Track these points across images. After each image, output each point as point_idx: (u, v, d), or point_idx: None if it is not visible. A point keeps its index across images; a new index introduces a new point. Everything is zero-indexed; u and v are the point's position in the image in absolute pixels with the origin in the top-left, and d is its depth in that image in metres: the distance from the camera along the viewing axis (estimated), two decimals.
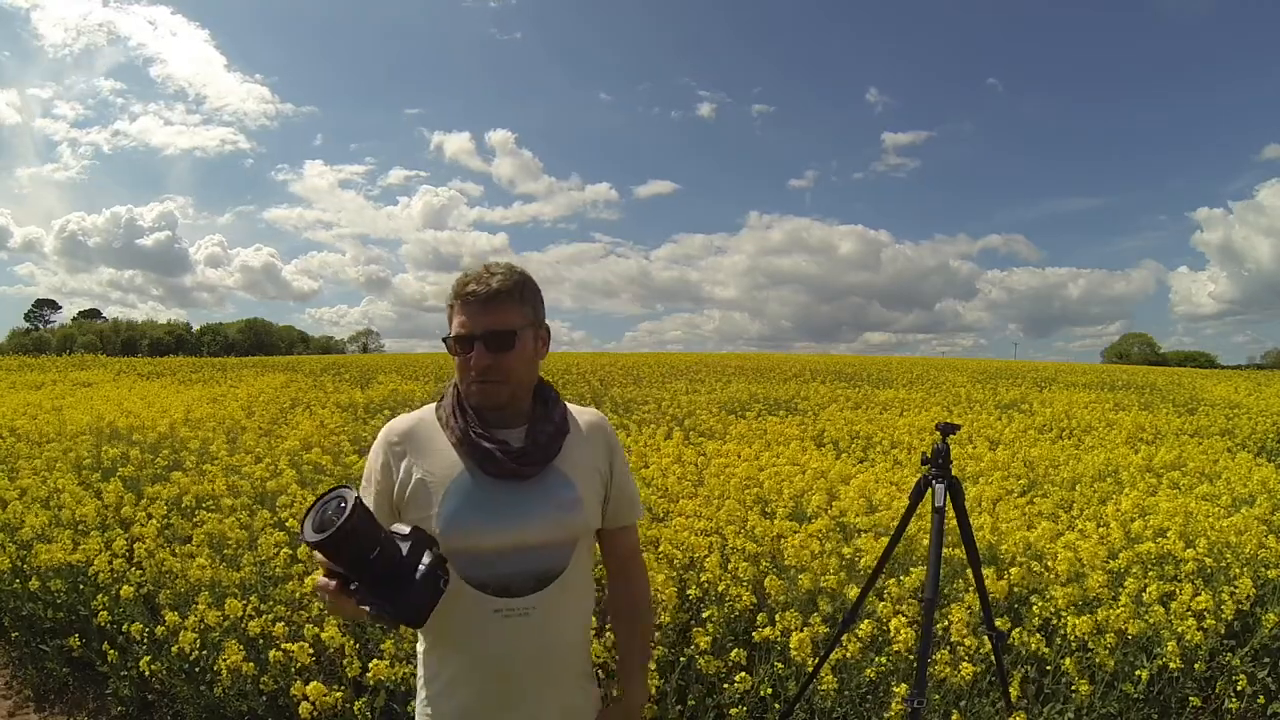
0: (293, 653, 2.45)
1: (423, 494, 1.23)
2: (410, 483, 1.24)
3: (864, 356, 36.49)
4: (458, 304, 1.26)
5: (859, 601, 2.36)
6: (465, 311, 1.25)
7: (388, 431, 1.29)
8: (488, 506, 1.22)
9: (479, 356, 1.23)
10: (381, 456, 1.27)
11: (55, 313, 65.85)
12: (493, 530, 1.22)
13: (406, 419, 1.31)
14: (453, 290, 1.27)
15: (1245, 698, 2.64)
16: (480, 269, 1.27)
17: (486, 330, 1.23)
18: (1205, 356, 60.77)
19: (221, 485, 4.19)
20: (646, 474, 4.53)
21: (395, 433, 1.29)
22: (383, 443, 1.28)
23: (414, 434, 1.28)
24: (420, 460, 1.25)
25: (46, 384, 12.93)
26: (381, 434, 1.29)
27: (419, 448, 1.27)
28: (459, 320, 1.26)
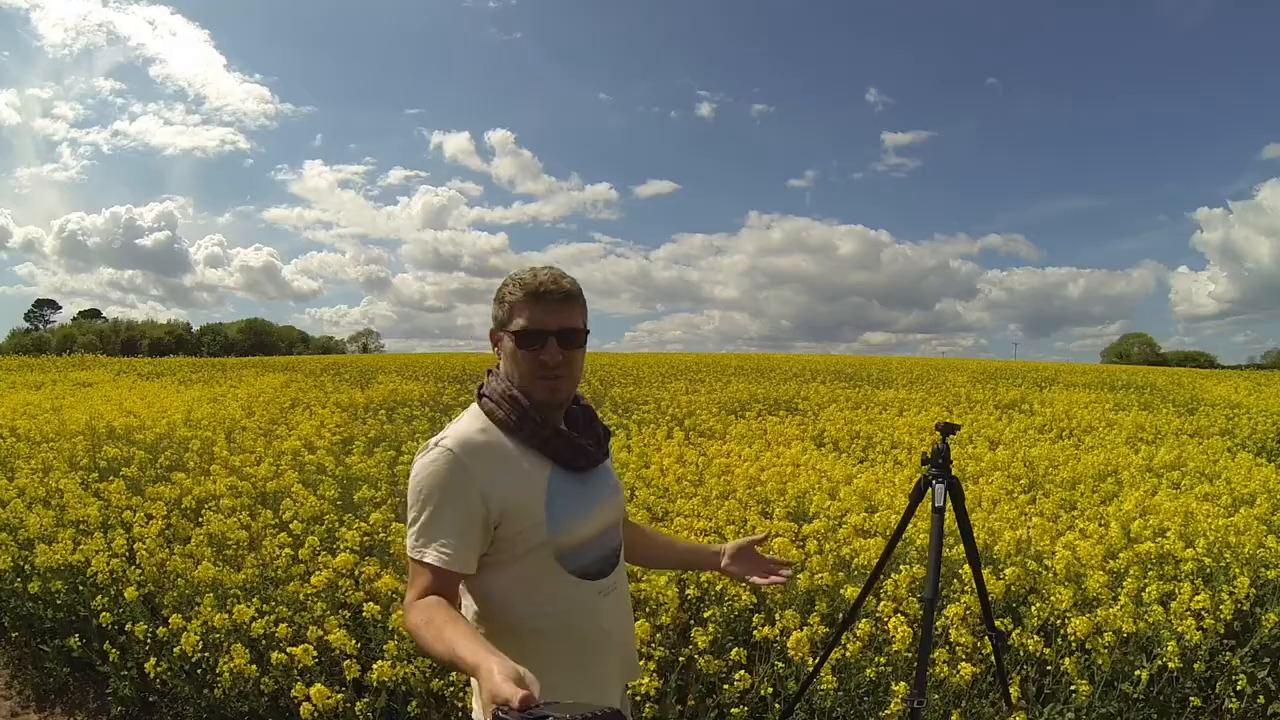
0: (295, 654, 2.46)
1: (522, 504, 1.22)
2: (503, 496, 1.21)
3: (864, 356, 36.51)
4: (526, 301, 1.25)
5: (858, 601, 2.37)
6: (538, 308, 1.25)
7: (461, 450, 1.20)
8: (580, 499, 1.29)
9: (553, 352, 1.25)
10: (460, 476, 1.19)
11: (55, 313, 65.80)
12: (588, 520, 1.30)
13: (465, 433, 1.24)
14: (519, 288, 1.25)
15: (1245, 698, 2.65)
16: (548, 271, 1.27)
17: (561, 327, 1.25)
18: (1205, 356, 60.71)
19: (222, 486, 4.19)
20: (647, 474, 4.53)
21: (468, 449, 1.21)
22: (457, 463, 1.19)
23: (486, 447, 1.23)
24: (504, 471, 1.23)
25: (46, 384, 12.94)
26: (449, 454, 1.20)
27: (497, 459, 1.23)
28: (529, 316, 1.24)
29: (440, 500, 1.18)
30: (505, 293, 1.27)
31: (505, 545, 1.22)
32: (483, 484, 1.19)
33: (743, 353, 46.37)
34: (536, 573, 1.24)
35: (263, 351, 49.85)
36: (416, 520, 1.20)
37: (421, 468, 1.21)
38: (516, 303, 1.26)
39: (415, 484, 1.21)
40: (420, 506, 1.19)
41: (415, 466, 1.22)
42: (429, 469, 1.20)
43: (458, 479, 1.19)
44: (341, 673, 2.47)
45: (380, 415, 7.64)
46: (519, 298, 1.25)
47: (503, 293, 1.28)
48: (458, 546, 1.18)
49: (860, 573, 3.05)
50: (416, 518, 1.20)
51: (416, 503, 1.20)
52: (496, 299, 1.29)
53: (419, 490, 1.20)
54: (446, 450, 1.20)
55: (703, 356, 28.52)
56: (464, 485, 1.18)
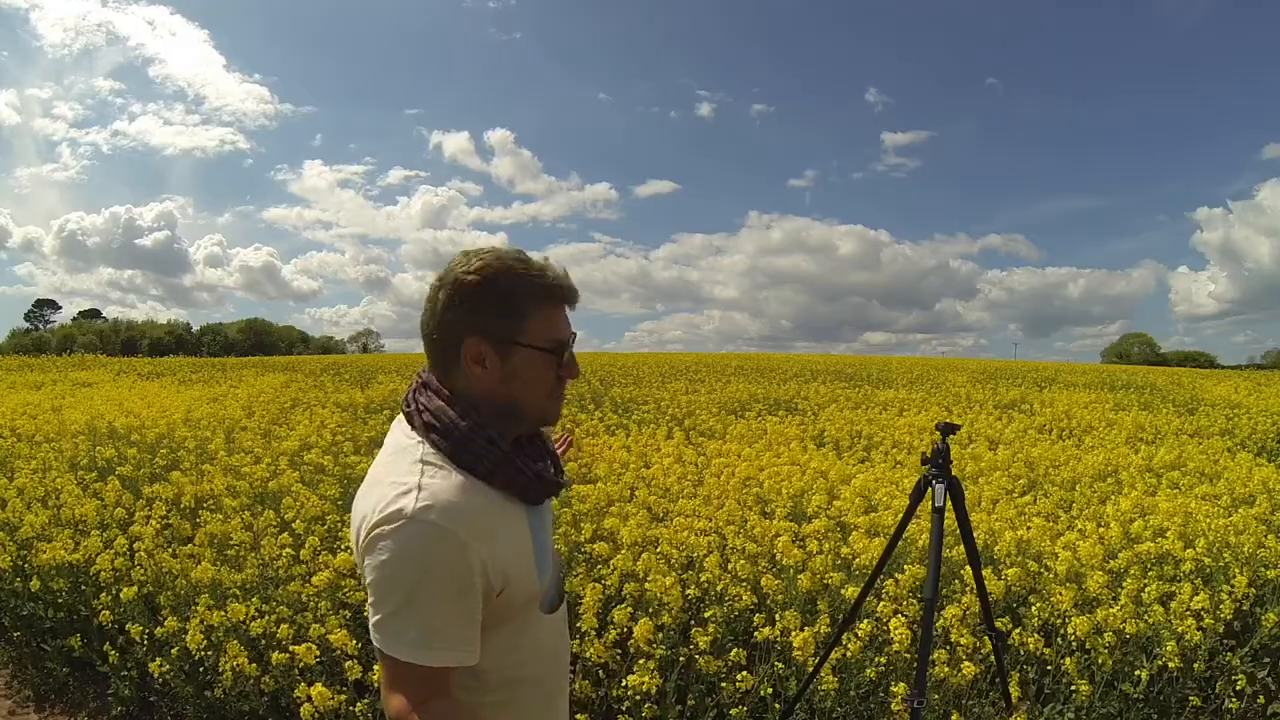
0: (297, 654, 2.46)
1: (519, 567, 1.02)
2: (502, 565, 0.98)
3: (864, 356, 36.53)
4: (550, 302, 1.01)
5: (858, 601, 2.37)
6: (562, 311, 1.04)
7: (452, 522, 0.92)
8: (546, 532, 1.12)
9: (576, 366, 1.05)
10: (457, 555, 0.93)
11: (55, 313, 65.83)
12: (552, 552, 1.15)
13: (454, 499, 0.95)
14: (531, 284, 1.00)
15: (1245, 698, 2.65)
16: (545, 260, 1.03)
17: (573, 334, 1.06)
18: (1205, 356, 60.72)
19: (221, 485, 4.19)
20: (647, 474, 4.53)
21: (460, 519, 0.93)
22: (452, 540, 0.92)
23: (476, 512, 0.96)
24: (498, 535, 0.99)
25: (46, 384, 12.93)
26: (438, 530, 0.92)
27: (488, 523, 0.98)
28: (557, 322, 1.02)
29: (439, 588, 0.92)
30: (508, 293, 0.99)
31: (497, 612, 1.00)
32: (483, 561, 0.95)
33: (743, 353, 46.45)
34: (523, 625, 1.06)
35: (263, 351, 49.86)
36: (396, 614, 0.91)
37: (399, 548, 0.90)
38: (536, 305, 1.00)
39: (390, 568, 0.91)
40: (400, 598, 0.91)
41: (387, 544, 0.91)
42: (417, 551, 0.90)
43: (458, 561, 0.92)
44: (342, 673, 2.47)
45: (381, 415, 7.65)
46: (539, 298, 1.00)
47: (496, 288, 0.98)
48: (460, 641, 0.95)
49: (860, 573, 3.05)
50: (396, 611, 0.91)
51: (393, 591, 0.91)
52: (483, 303, 0.99)
53: (396, 577, 0.90)
54: (436, 526, 0.91)
55: (703, 356, 28.52)
56: (464, 569, 0.93)
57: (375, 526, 0.92)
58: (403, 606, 0.91)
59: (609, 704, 2.50)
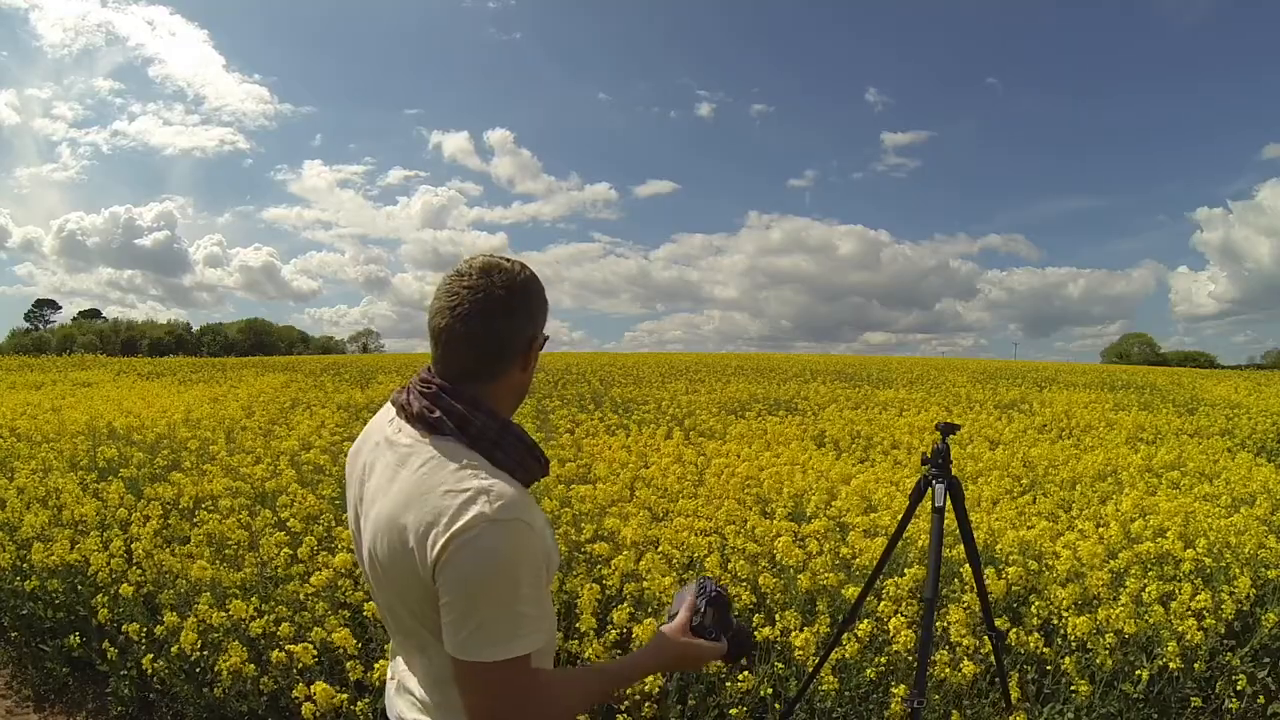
0: (295, 652, 2.46)
1: (554, 546, 1.08)
2: (551, 549, 1.05)
3: (864, 356, 36.58)
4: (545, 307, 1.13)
5: (858, 601, 2.37)
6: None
7: (534, 520, 0.98)
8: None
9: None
10: (540, 549, 0.98)
11: (55, 313, 65.82)
12: None
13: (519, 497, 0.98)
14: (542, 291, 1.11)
15: (1245, 698, 2.65)
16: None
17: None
18: (1205, 356, 60.74)
19: (220, 486, 4.19)
20: (646, 474, 4.53)
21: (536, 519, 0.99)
22: (535, 536, 0.97)
23: (532, 503, 1.02)
24: (547, 522, 1.05)
25: (46, 384, 12.94)
26: (525, 528, 0.96)
27: (539, 511, 1.03)
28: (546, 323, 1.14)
29: (529, 582, 0.96)
30: (538, 296, 1.09)
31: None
32: (546, 545, 1.01)
33: (743, 353, 46.45)
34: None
35: (263, 351, 49.86)
36: (497, 615, 0.93)
37: (492, 552, 0.93)
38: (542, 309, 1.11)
39: (488, 573, 0.93)
40: (502, 599, 0.93)
41: (474, 551, 0.92)
42: (505, 551, 0.93)
43: (536, 551, 0.97)
44: (342, 672, 2.47)
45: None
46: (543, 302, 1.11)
47: (535, 300, 1.08)
48: (546, 615, 1.01)
49: (861, 573, 3.05)
50: (496, 613, 0.93)
51: (491, 595, 0.93)
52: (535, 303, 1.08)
53: (495, 580, 0.93)
54: (516, 523, 0.95)
55: (703, 356, 28.55)
56: (541, 555, 0.99)
57: (456, 536, 0.92)
58: (497, 610, 0.93)
59: (609, 704, 2.50)
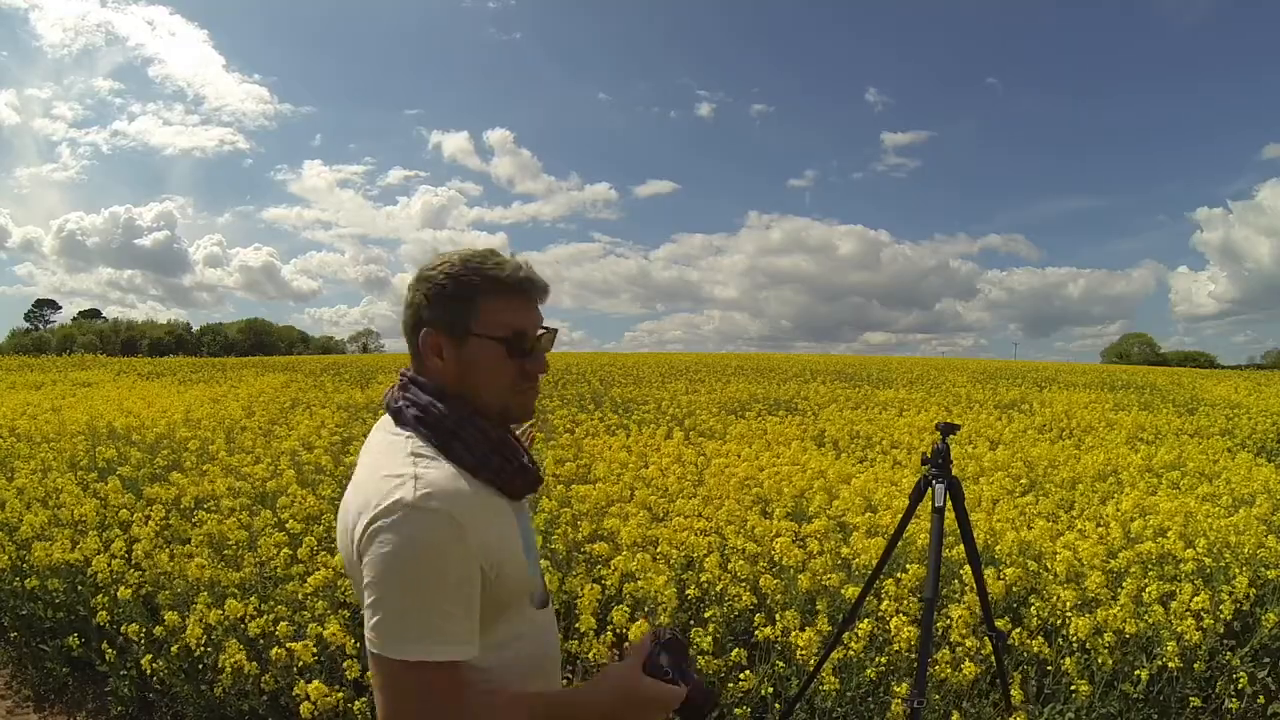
0: (295, 651, 2.46)
1: (510, 558, 0.99)
2: (497, 555, 0.96)
3: (864, 356, 36.57)
4: (506, 293, 1.01)
5: (859, 601, 2.37)
6: (527, 305, 1.03)
7: (455, 508, 0.91)
8: (530, 528, 1.10)
9: (543, 360, 1.05)
10: (460, 543, 0.91)
11: (55, 313, 65.82)
12: (536, 547, 1.13)
13: (450, 486, 0.93)
14: (485, 276, 1.00)
15: (1245, 698, 2.65)
16: (510, 254, 1.04)
17: (547, 327, 1.06)
18: (1205, 356, 60.73)
19: (220, 486, 4.19)
20: (646, 474, 4.53)
21: (465, 511, 0.92)
22: (455, 527, 0.90)
23: (474, 500, 0.95)
24: (492, 525, 0.97)
25: (46, 384, 12.94)
26: (442, 517, 0.90)
27: (483, 511, 0.96)
28: (516, 314, 1.02)
29: (443, 578, 0.89)
30: (461, 284, 1.00)
31: (492, 603, 0.98)
32: (480, 550, 0.93)
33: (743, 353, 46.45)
34: (518, 620, 1.05)
35: (263, 351, 49.84)
36: (405, 608, 0.87)
37: (404, 539, 0.87)
38: (493, 298, 1.00)
39: (398, 561, 0.87)
40: (412, 590, 0.88)
41: (388, 536, 0.88)
42: (418, 540, 0.88)
43: (459, 549, 0.90)
44: (341, 672, 2.47)
45: (380, 415, 7.64)
46: (497, 291, 1.00)
47: (453, 284, 1.00)
48: (472, 629, 0.92)
49: (860, 573, 3.04)
50: (404, 605, 0.87)
51: (401, 585, 0.87)
52: (440, 294, 1.00)
53: (405, 570, 0.87)
54: (436, 513, 0.89)
55: (703, 356, 28.55)
56: (466, 555, 0.91)
57: (374, 520, 0.89)
58: (408, 600, 0.88)
59: None
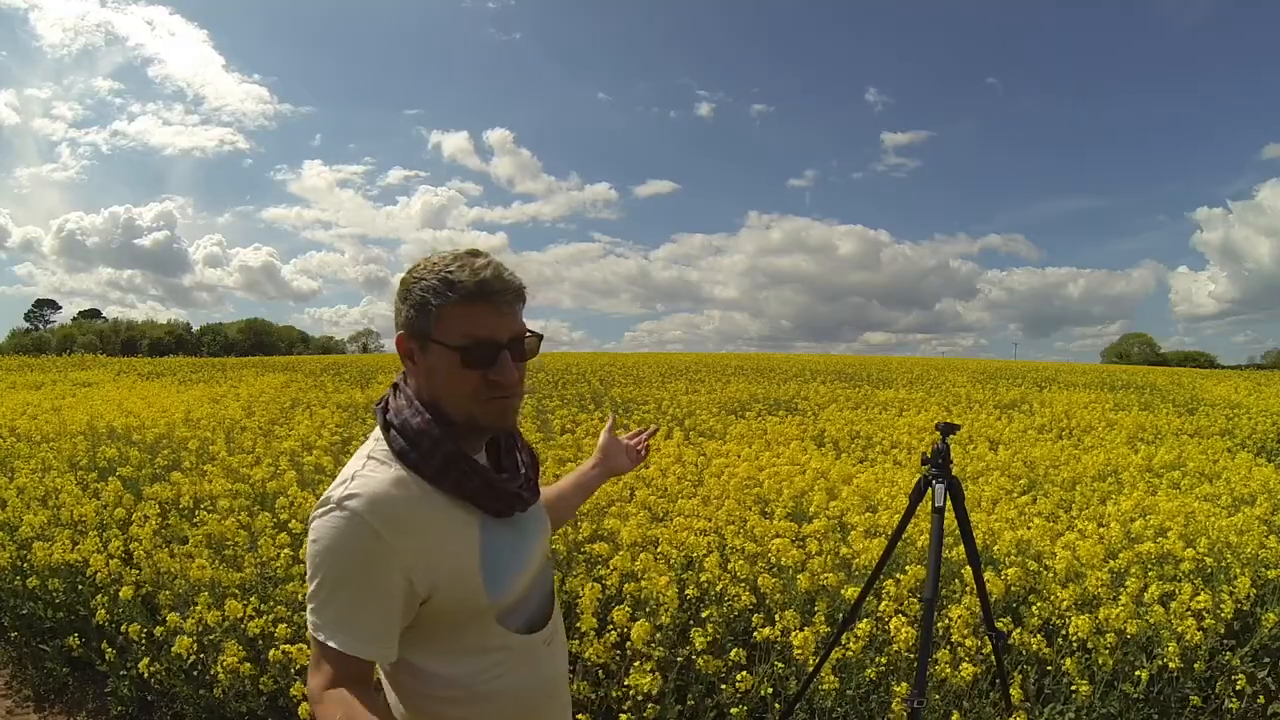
0: (292, 654, 2.45)
1: (455, 572, 0.99)
2: (432, 567, 0.97)
3: (864, 356, 36.57)
4: (465, 302, 0.98)
5: (858, 601, 2.36)
6: (484, 312, 0.99)
7: (374, 517, 0.93)
8: (515, 549, 1.08)
9: (508, 370, 1.00)
10: (373, 550, 0.93)
11: (55, 313, 65.84)
12: (525, 571, 1.10)
13: (380, 492, 0.96)
14: (448, 284, 0.97)
15: (1245, 698, 2.64)
16: (484, 260, 1.00)
17: (514, 335, 1.01)
18: (1205, 356, 60.74)
19: (220, 486, 4.19)
20: (646, 474, 4.53)
21: (383, 516, 0.94)
22: (369, 534, 0.93)
23: (405, 510, 0.96)
24: (430, 537, 0.98)
25: (46, 384, 12.93)
26: (357, 522, 0.93)
27: (420, 523, 0.97)
28: (474, 323, 0.98)
29: (350, 577, 0.93)
30: (423, 290, 0.99)
31: (436, 618, 1.00)
32: (404, 558, 0.94)
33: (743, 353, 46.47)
34: (478, 640, 1.04)
35: (263, 351, 49.84)
36: (318, 594, 0.94)
37: (322, 532, 0.93)
38: (448, 305, 0.97)
39: (315, 551, 0.94)
40: (323, 580, 0.94)
41: (314, 527, 0.95)
42: (332, 536, 0.93)
43: (371, 554, 0.93)
44: None
45: None
46: (452, 298, 0.97)
47: (417, 289, 0.99)
48: (373, 634, 0.94)
49: (861, 573, 3.04)
50: (317, 591, 0.94)
51: (317, 574, 0.94)
52: (408, 297, 1.00)
53: (319, 560, 0.94)
54: (354, 515, 0.93)
55: (703, 356, 28.55)
56: (378, 562, 0.93)
57: (312, 512, 0.97)
58: (324, 590, 0.94)
59: (609, 704, 2.49)
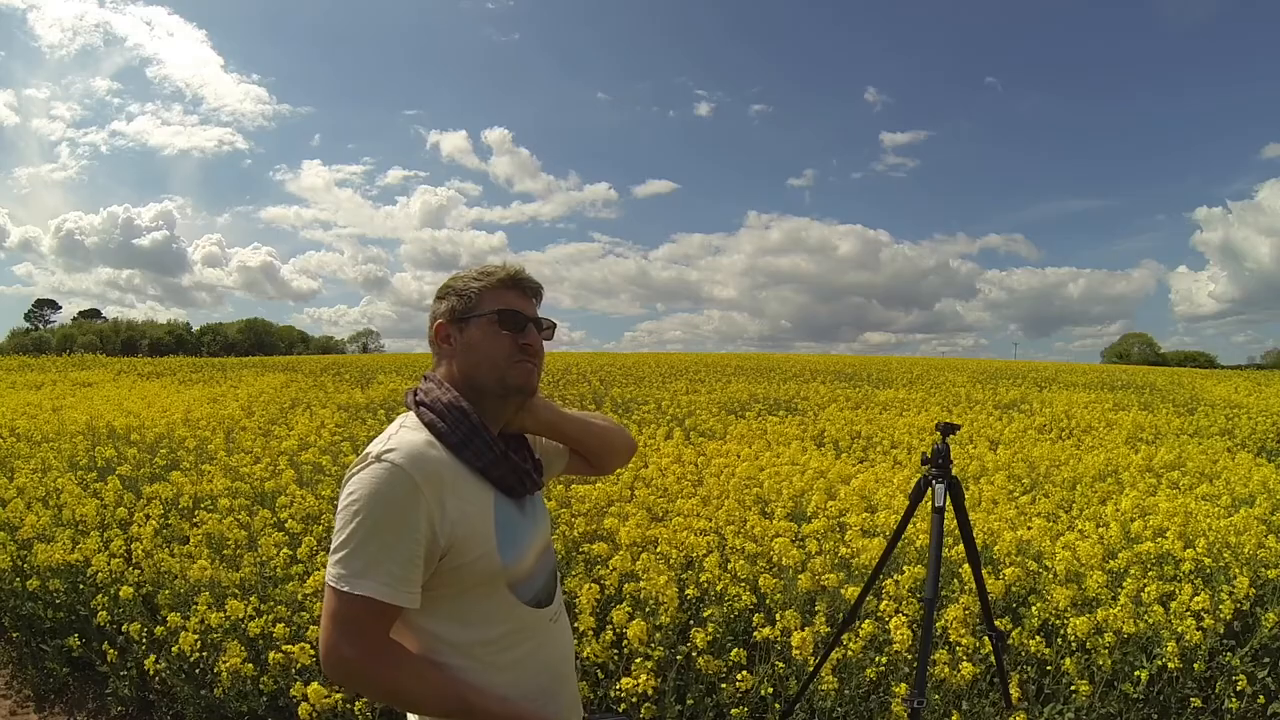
0: (293, 653, 2.46)
1: (473, 532, 1.09)
2: (454, 521, 1.07)
3: (864, 356, 36.52)
4: (500, 287, 1.20)
5: (858, 601, 2.36)
6: (516, 294, 1.21)
7: (412, 466, 1.05)
8: (524, 525, 1.19)
9: (535, 336, 1.21)
10: (410, 496, 1.04)
11: (55, 313, 65.85)
12: (534, 547, 1.20)
13: (416, 449, 1.08)
14: (485, 276, 1.20)
15: (1245, 698, 2.64)
16: (516, 264, 1.24)
17: (539, 317, 1.23)
18: (1205, 356, 60.71)
19: (220, 485, 4.19)
20: (646, 474, 4.53)
21: (420, 466, 1.06)
22: (408, 481, 1.04)
23: (438, 465, 1.08)
24: (455, 494, 1.09)
25: (46, 384, 12.93)
26: (398, 471, 1.04)
27: (447, 480, 1.08)
28: (509, 299, 1.20)
29: (385, 522, 1.03)
30: (463, 284, 1.20)
31: (451, 578, 1.09)
32: (433, 507, 1.05)
33: (743, 353, 46.34)
34: (491, 605, 1.13)
35: (263, 351, 49.81)
36: (349, 544, 1.02)
37: (362, 483, 1.04)
38: (487, 289, 1.19)
39: (352, 501, 1.03)
40: (356, 527, 1.02)
41: (353, 481, 1.05)
42: (372, 485, 1.03)
43: (407, 500, 1.03)
44: None
45: (380, 415, 7.65)
46: (489, 284, 1.19)
47: (458, 285, 1.20)
48: (403, 576, 1.03)
49: (860, 573, 3.04)
50: (348, 541, 1.02)
51: (351, 522, 1.02)
52: (450, 294, 1.21)
53: (356, 508, 1.03)
54: (394, 466, 1.04)
55: (703, 356, 28.52)
56: (413, 507, 1.03)
57: (349, 468, 1.08)
58: (356, 538, 1.02)
59: (608, 704, 2.49)
